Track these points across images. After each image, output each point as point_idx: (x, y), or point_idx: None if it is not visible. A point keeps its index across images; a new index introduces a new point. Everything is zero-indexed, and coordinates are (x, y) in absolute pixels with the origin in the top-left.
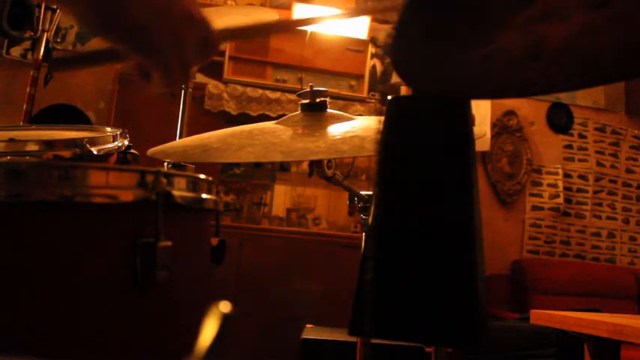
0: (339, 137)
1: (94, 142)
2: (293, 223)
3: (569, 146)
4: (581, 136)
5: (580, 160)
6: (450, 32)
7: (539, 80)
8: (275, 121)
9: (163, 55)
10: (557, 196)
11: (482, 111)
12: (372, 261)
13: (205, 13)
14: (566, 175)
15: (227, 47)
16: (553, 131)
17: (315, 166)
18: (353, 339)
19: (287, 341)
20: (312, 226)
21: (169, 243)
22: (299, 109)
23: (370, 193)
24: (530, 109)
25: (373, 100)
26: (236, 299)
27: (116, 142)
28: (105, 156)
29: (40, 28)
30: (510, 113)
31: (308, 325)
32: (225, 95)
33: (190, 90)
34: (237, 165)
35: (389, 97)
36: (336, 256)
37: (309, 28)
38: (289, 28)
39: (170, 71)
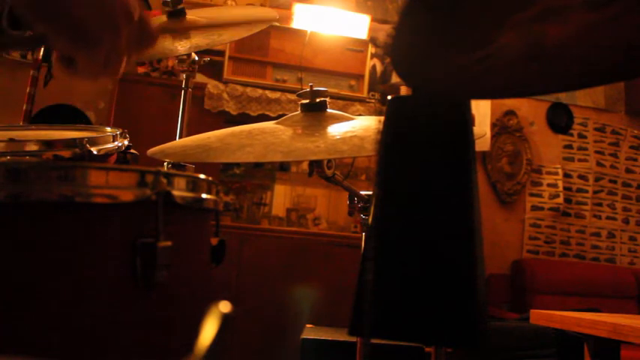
0: (338, 137)
1: (94, 142)
2: (293, 223)
3: (569, 146)
4: (581, 136)
5: (580, 160)
6: (449, 32)
7: (539, 80)
8: (275, 121)
9: (91, 45)
10: (557, 196)
11: (482, 111)
12: (372, 261)
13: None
14: (566, 175)
15: (227, 47)
16: (553, 131)
17: (315, 166)
18: (353, 339)
19: (287, 341)
20: (312, 226)
21: (169, 243)
22: (299, 109)
23: (370, 193)
24: (530, 109)
25: (373, 100)
26: (236, 299)
27: (116, 142)
28: (105, 156)
29: None
30: (510, 113)
31: (308, 325)
32: (225, 95)
33: (190, 90)
34: (237, 165)
35: (389, 97)
36: (336, 256)
37: (308, 28)
38: None
39: (96, 61)
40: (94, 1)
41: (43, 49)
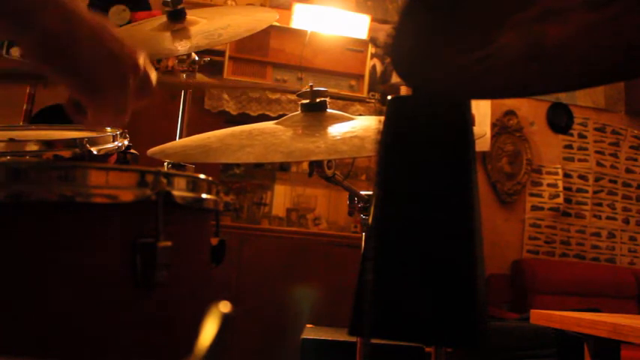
0: (338, 137)
1: (94, 142)
2: (293, 223)
3: (569, 146)
4: (581, 136)
5: (580, 160)
6: (449, 32)
7: (539, 80)
8: (275, 122)
9: (102, 95)
10: (557, 196)
11: (482, 111)
12: (372, 261)
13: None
14: (566, 175)
15: (227, 47)
16: (553, 131)
17: (315, 166)
18: (353, 339)
19: (287, 341)
20: (312, 226)
21: (169, 243)
22: (299, 109)
23: (370, 193)
24: (530, 109)
25: (373, 100)
26: (236, 299)
27: (116, 142)
28: (105, 156)
29: None
30: (510, 113)
31: (308, 325)
32: (225, 95)
33: (190, 90)
34: (237, 165)
35: (389, 97)
36: (336, 256)
37: (308, 28)
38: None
39: (105, 110)
40: (105, 54)
41: None
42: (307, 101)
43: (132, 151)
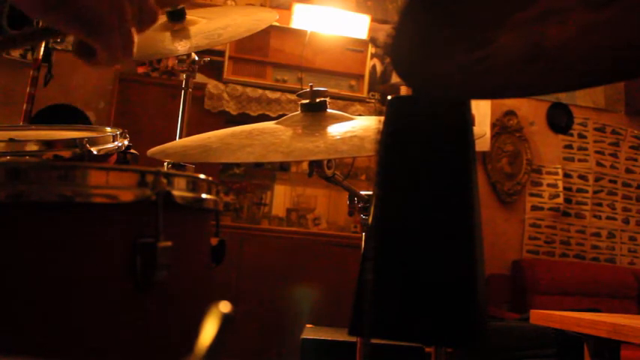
0: (338, 137)
1: (94, 142)
2: (293, 223)
3: (569, 146)
4: (580, 136)
5: (580, 160)
6: (449, 32)
7: (539, 80)
8: (275, 121)
9: (107, 32)
10: (557, 196)
11: (482, 111)
12: (372, 261)
13: None
14: (566, 175)
15: (227, 47)
16: (553, 131)
17: (315, 166)
18: (353, 339)
19: (287, 341)
20: (312, 226)
21: (169, 243)
22: (299, 109)
23: (370, 193)
24: (530, 109)
25: (373, 100)
26: (236, 299)
27: (116, 142)
28: (105, 156)
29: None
30: (510, 113)
31: (308, 325)
32: (225, 95)
33: (190, 90)
34: (238, 165)
35: (389, 97)
36: (336, 256)
37: (308, 28)
38: None
39: (114, 47)
40: None
41: (43, 49)
42: (307, 101)
43: (132, 151)
